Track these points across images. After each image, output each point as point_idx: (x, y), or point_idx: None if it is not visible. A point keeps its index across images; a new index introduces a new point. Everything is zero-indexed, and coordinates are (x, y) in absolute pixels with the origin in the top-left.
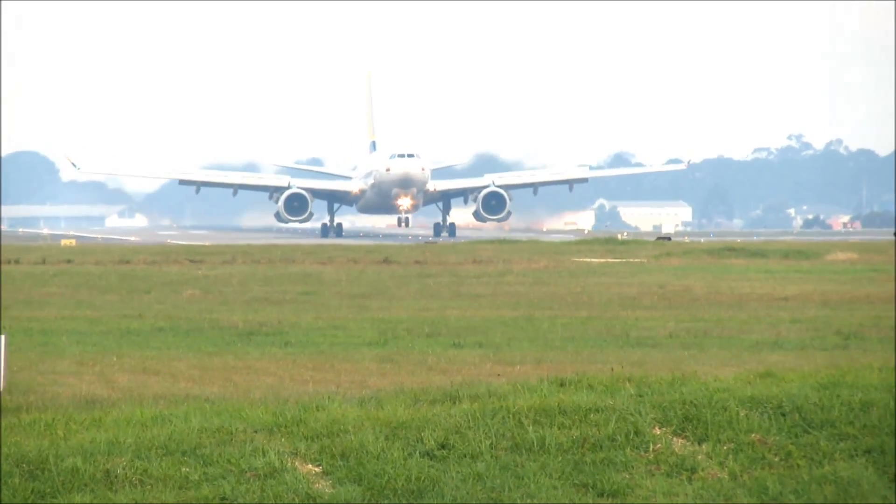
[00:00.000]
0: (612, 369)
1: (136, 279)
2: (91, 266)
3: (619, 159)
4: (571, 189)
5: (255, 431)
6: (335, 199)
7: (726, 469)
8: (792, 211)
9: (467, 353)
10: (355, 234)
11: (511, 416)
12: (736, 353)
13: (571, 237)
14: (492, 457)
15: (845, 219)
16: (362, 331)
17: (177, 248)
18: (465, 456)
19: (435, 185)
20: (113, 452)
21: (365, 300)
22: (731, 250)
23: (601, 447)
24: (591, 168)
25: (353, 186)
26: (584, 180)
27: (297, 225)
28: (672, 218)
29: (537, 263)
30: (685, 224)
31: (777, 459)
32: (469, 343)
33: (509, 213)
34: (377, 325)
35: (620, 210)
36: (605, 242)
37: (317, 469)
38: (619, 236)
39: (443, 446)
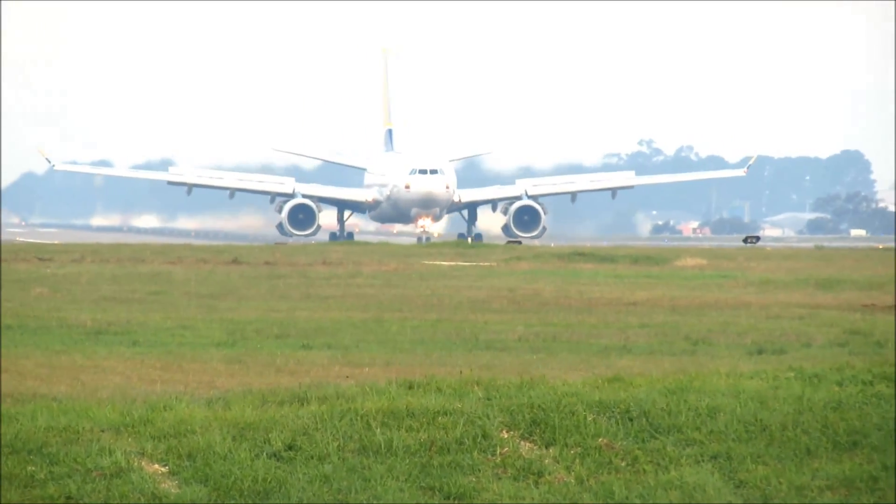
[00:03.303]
0: (461, 372)
1: None
2: None
3: (471, 165)
4: (614, 197)
5: (102, 431)
6: (345, 207)
7: (573, 473)
8: (641, 216)
9: (316, 355)
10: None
11: (359, 418)
12: (584, 358)
13: (422, 240)
14: (339, 458)
15: (695, 224)
16: (211, 331)
17: (25, 245)
18: (312, 457)
19: (460, 196)
20: None
21: (214, 300)
22: (581, 255)
23: (448, 450)
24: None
25: (366, 195)
26: (630, 188)
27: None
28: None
29: (387, 266)
30: None
31: (623, 464)
32: (318, 344)
33: (545, 230)
34: (226, 325)
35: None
36: (455, 245)
37: (163, 469)
38: (469, 240)
39: (290, 447)
